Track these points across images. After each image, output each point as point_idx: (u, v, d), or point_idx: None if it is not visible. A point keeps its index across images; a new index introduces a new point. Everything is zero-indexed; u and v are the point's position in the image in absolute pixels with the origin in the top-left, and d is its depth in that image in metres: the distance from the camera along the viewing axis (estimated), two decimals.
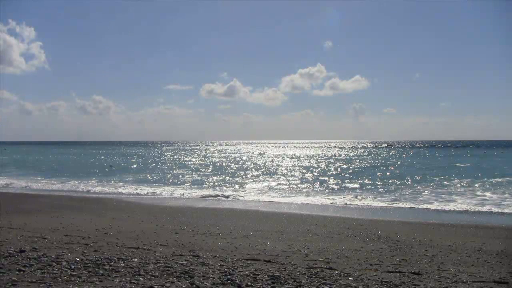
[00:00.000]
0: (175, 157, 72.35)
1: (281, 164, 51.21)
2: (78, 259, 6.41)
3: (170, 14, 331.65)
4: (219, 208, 17.00)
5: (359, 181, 29.36)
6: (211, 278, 5.63)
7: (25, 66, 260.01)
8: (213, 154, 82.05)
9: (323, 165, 47.95)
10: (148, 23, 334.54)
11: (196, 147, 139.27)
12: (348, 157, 67.50)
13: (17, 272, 5.43)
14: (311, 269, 6.46)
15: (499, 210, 16.97)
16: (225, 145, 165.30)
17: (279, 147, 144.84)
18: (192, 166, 48.35)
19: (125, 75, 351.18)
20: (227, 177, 33.33)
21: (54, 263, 6.02)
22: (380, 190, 24.41)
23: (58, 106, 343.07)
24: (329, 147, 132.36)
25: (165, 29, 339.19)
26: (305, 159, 61.98)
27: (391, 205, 18.63)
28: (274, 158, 65.59)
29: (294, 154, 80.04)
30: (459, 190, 23.69)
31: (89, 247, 7.63)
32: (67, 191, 23.70)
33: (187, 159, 65.39)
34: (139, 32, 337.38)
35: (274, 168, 43.54)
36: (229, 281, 5.52)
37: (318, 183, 29.01)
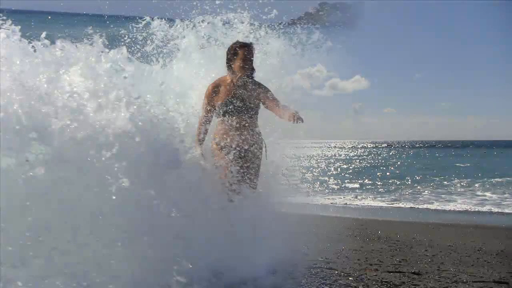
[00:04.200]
0: None
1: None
2: None
3: None
4: None
5: (359, 181, 29.32)
6: None
7: None
8: None
9: (323, 165, 47.89)
10: None
11: None
12: (348, 157, 67.45)
13: None
14: (311, 269, 6.45)
15: (499, 210, 16.95)
16: None
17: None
18: None
19: None
20: None
21: None
22: (380, 190, 24.38)
23: None
24: (329, 147, 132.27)
25: None
26: (305, 159, 61.84)
27: (391, 205, 18.61)
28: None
29: (294, 154, 79.93)
30: (459, 190, 23.66)
31: None
32: None
33: None
34: None
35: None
36: None
37: (318, 183, 28.99)
